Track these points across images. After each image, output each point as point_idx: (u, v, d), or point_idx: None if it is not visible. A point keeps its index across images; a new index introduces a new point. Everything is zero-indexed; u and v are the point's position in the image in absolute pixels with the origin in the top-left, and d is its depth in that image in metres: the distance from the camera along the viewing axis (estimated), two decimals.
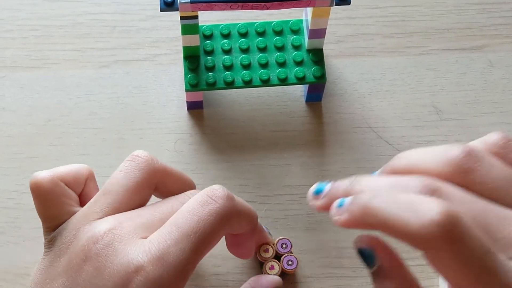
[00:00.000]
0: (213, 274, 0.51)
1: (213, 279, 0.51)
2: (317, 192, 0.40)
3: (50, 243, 0.41)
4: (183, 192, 0.43)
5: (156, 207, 0.42)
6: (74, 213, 0.42)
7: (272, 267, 0.50)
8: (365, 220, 0.35)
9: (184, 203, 0.41)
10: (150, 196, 0.43)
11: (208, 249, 0.40)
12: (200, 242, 0.39)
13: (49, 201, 0.42)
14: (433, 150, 0.37)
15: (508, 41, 0.59)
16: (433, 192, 0.35)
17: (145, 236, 0.40)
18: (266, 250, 0.51)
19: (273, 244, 0.51)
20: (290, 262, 0.51)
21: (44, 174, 0.42)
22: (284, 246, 0.51)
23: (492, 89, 0.58)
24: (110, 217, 0.41)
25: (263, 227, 0.50)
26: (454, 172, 0.36)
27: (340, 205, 0.37)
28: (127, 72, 0.58)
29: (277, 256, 0.51)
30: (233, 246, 0.46)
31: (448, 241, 0.33)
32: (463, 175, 0.36)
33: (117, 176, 0.42)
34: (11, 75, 0.58)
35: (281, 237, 0.51)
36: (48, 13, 0.59)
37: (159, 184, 0.43)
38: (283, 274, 0.51)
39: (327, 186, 0.40)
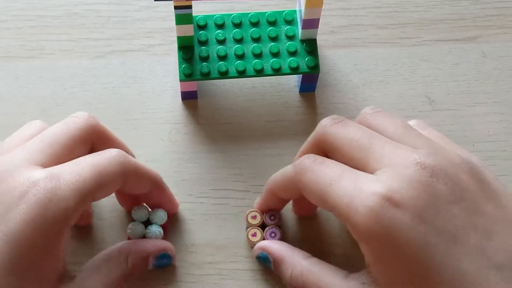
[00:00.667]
0: (207, 263, 0.51)
1: (207, 267, 0.51)
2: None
3: None
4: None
5: (42, 133, 0.46)
6: None
7: (254, 234, 0.51)
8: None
9: (65, 122, 0.46)
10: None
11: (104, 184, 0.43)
12: (99, 175, 0.43)
13: None
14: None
15: (501, 32, 0.59)
16: None
17: (42, 164, 0.43)
18: (254, 217, 0.51)
19: (263, 213, 0.51)
20: (273, 234, 0.51)
21: None
22: (272, 217, 0.51)
23: (485, 80, 0.58)
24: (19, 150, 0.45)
25: None
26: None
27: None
28: (122, 62, 0.58)
29: (264, 226, 0.51)
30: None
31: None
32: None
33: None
34: (6, 65, 0.58)
35: (272, 209, 0.52)
36: (43, 3, 0.59)
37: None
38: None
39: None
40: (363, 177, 0.43)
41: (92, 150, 0.47)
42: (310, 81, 0.56)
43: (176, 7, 0.50)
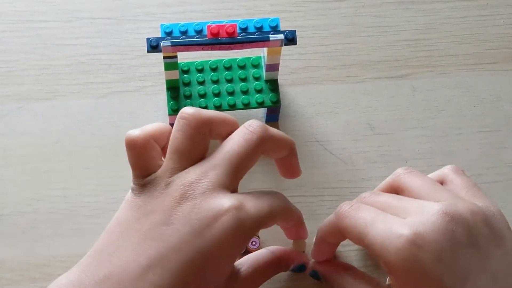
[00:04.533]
0: None
1: None
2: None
3: (141, 187, 0.45)
4: (229, 131, 0.48)
5: (227, 151, 0.46)
6: (160, 165, 0.46)
7: None
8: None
9: (245, 138, 0.46)
10: (209, 141, 0.47)
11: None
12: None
13: (142, 154, 0.45)
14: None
15: (428, 70, 0.62)
16: None
17: (229, 187, 0.45)
18: None
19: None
20: (253, 243, 0.54)
21: (137, 133, 0.46)
22: None
23: (415, 109, 0.61)
24: (195, 168, 0.45)
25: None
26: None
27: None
28: (120, 101, 0.60)
29: None
30: (283, 171, 0.51)
31: None
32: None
33: (176, 135, 0.46)
34: (27, 105, 0.59)
35: None
36: (56, 55, 0.62)
37: (211, 131, 0.47)
38: (247, 252, 0.53)
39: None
40: (394, 220, 0.45)
41: None
42: (273, 112, 0.59)
43: (164, 57, 0.54)
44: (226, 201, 0.44)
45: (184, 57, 0.59)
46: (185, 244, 0.42)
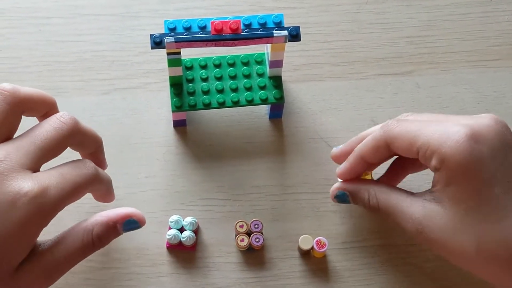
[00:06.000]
0: (197, 258, 0.55)
1: (197, 261, 0.55)
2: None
3: None
4: (47, 110, 0.49)
5: (34, 135, 0.46)
6: None
7: (242, 240, 0.54)
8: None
9: (54, 126, 0.46)
10: (20, 121, 0.47)
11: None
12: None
13: None
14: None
15: (432, 67, 0.62)
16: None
17: (31, 168, 0.45)
18: (241, 226, 0.54)
19: (248, 223, 0.55)
20: (257, 239, 0.54)
21: None
22: (256, 226, 0.55)
23: (419, 105, 0.61)
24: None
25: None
26: None
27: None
28: (123, 98, 0.60)
29: (250, 233, 0.55)
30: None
31: None
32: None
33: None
34: None
35: (255, 219, 0.55)
36: (59, 51, 0.62)
37: (28, 109, 0.48)
38: (251, 249, 0.55)
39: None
40: (447, 122, 0.47)
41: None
42: (277, 109, 0.59)
43: (168, 53, 0.53)
44: (25, 184, 0.44)
45: (188, 53, 0.59)
46: None
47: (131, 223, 0.49)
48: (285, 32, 0.53)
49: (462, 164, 0.45)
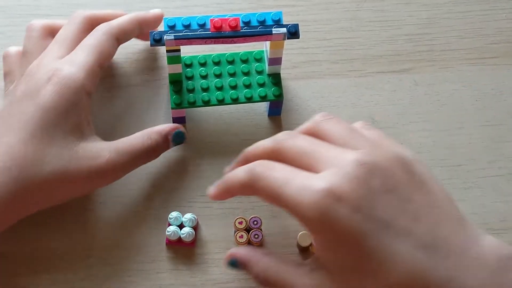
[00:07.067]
0: (197, 254, 0.55)
1: (196, 257, 0.55)
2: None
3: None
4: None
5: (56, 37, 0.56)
6: None
7: (241, 236, 0.54)
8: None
9: (69, 22, 0.56)
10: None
11: (105, 55, 0.55)
12: (97, 52, 0.54)
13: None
14: (262, 142, 0.49)
15: (430, 65, 0.62)
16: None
17: (62, 55, 0.54)
18: (241, 223, 0.55)
19: (247, 220, 0.55)
20: (256, 236, 0.54)
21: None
22: (255, 222, 0.55)
23: (417, 103, 0.61)
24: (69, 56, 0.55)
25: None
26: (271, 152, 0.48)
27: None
28: (123, 95, 0.61)
29: (249, 230, 0.55)
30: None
31: None
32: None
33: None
34: None
35: (254, 215, 0.55)
36: None
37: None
38: (250, 245, 0.55)
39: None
40: (310, 176, 0.44)
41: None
42: (276, 106, 0.59)
43: (167, 51, 0.54)
44: (56, 65, 0.53)
45: (187, 51, 0.59)
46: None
47: (179, 135, 0.55)
48: (284, 30, 0.54)
49: (325, 226, 0.43)
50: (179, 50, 0.55)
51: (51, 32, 0.57)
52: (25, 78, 0.53)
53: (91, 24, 0.56)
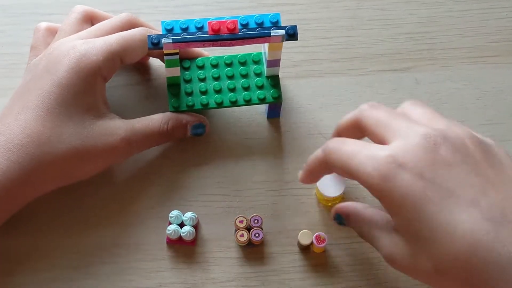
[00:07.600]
0: (197, 253, 0.56)
1: (197, 256, 0.56)
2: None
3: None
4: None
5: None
6: None
7: (242, 235, 0.55)
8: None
9: (68, 17, 0.58)
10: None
11: (121, 47, 0.55)
12: (125, 44, 0.54)
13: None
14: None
15: (430, 63, 0.63)
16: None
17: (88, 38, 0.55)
18: (241, 221, 0.55)
19: (248, 218, 0.55)
20: (257, 235, 0.55)
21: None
22: (256, 221, 0.55)
23: None
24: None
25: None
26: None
27: None
28: (123, 94, 0.61)
29: (249, 229, 0.55)
30: None
31: None
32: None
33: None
34: None
35: (255, 214, 0.55)
36: None
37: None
38: (251, 244, 0.55)
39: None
40: (377, 147, 0.46)
41: None
42: (275, 108, 0.59)
43: (166, 54, 0.54)
44: (74, 43, 0.54)
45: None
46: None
47: (199, 126, 0.57)
48: (282, 32, 0.53)
49: (389, 195, 0.45)
50: (177, 54, 0.55)
51: (91, 19, 0.58)
52: (47, 53, 0.55)
53: (131, 23, 0.57)
